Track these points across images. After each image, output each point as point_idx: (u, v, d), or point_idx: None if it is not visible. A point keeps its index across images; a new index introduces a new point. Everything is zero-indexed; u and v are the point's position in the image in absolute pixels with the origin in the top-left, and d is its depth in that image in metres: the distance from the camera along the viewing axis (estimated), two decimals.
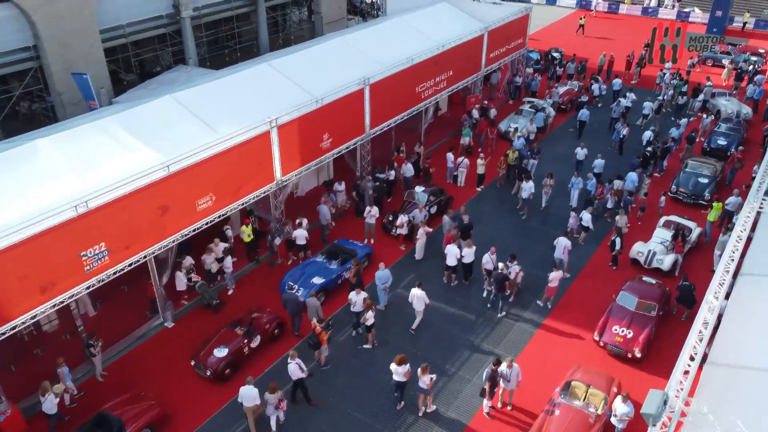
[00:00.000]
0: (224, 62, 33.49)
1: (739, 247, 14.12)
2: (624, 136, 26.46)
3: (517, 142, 24.90)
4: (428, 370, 14.25)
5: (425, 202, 21.61)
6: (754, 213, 14.69)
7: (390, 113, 23.49)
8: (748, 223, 14.58)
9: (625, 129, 26.55)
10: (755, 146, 27.67)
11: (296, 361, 14.36)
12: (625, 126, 26.84)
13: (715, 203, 21.73)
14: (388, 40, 26.45)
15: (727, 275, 13.85)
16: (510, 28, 30.01)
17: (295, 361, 14.35)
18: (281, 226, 20.18)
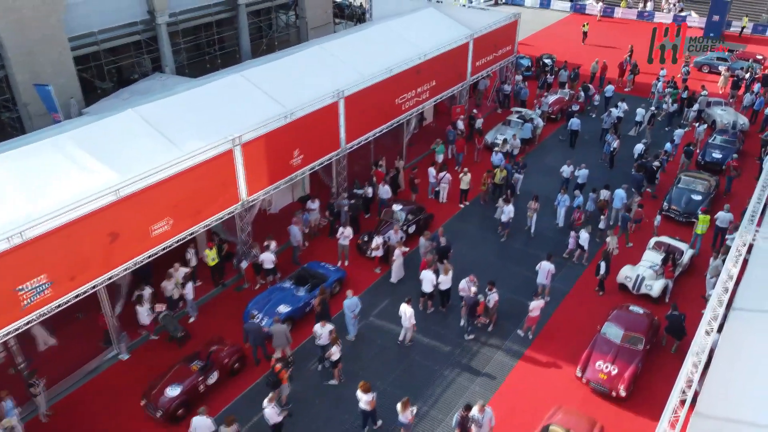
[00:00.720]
0: (205, 69, 32.47)
1: (729, 285, 13.00)
2: (615, 149, 25.33)
3: (495, 158, 23.72)
4: (409, 403, 13.26)
5: (403, 221, 20.49)
6: (745, 247, 13.57)
7: (368, 126, 22.38)
8: (739, 259, 13.47)
9: (616, 141, 25.42)
10: (752, 159, 26.53)
11: (272, 405, 13.25)
12: (616, 138, 25.71)
13: (701, 215, 20.69)
14: (370, 48, 25.38)
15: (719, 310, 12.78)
16: (498, 34, 28.90)
17: (272, 405, 13.25)
18: (248, 248, 19.06)
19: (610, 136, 25.96)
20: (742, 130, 28.33)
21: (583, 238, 19.63)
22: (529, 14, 50.38)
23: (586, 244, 19.71)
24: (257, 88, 21.17)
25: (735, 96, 32.20)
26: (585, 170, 22.96)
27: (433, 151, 25.43)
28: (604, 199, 22.36)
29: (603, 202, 22.31)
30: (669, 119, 30.25)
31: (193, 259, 18.42)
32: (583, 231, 19.63)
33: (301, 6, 37.67)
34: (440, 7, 31.68)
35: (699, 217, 20.62)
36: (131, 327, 16.93)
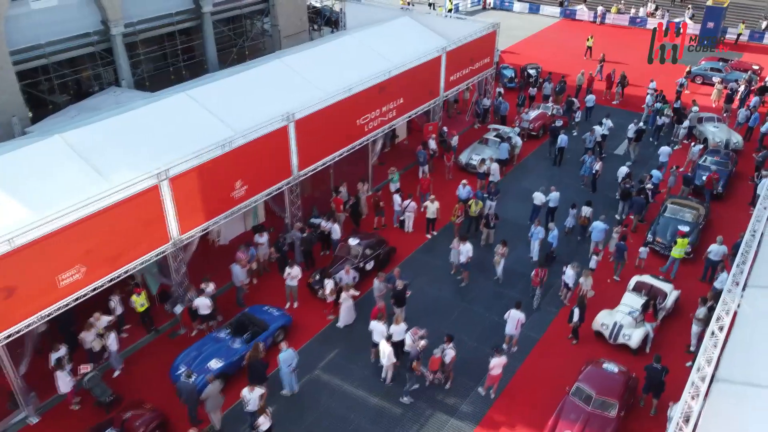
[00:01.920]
0: (170, 81, 30.61)
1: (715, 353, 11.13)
2: (597, 172, 23.40)
3: (462, 191, 21.53)
4: None
5: (359, 257, 18.59)
6: (730, 314, 11.67)
7: (324, 150, 20.50)
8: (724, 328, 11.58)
9: (598, 164, 23.49)
10: (744, 182, 24.55)
11: None
12: (597, 159, 23.78)
13: (679, 239, 18.95)
14: (336, 62, 23.58)
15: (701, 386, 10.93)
16: (474, 46, 26.98)
17: None
18: (184, 291, 17.17)
19: (589, 158, 24.03)
20: (735, 149, 26.43)
21: (567, 275, 17.77)
22: (517, 20, 48.57)
23: (571, 282, 17.85)
24: (204, 109, 19.41)
25: (729, 111, 30.26)
26: (556, 193, 21.12)
27: (407, 170, 23.54)
28: (585, 216, 20.83)
29: (584, 219, 20.81)
30: (656, 133, 28.47)
31: (117, 307, 16.47)
32: (568, 267, 17.76)
33: (274, 13, 35.72)
34: (416, 16, 29.84)
35: (677, 240, 18.94)
36: (46, 382, 15.00)
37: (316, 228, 20.74)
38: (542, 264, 16.89)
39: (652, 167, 25.28)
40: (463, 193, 21.43)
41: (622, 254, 19.20)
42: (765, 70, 36.42)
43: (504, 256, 18.48)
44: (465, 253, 18.29)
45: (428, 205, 20.77)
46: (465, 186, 21.56)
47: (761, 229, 15.86)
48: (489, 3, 51.84)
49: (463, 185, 21.57)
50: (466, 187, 21.56)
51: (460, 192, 21.52)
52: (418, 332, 14.83)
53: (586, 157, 24.04)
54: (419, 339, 14.69)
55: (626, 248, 19.24)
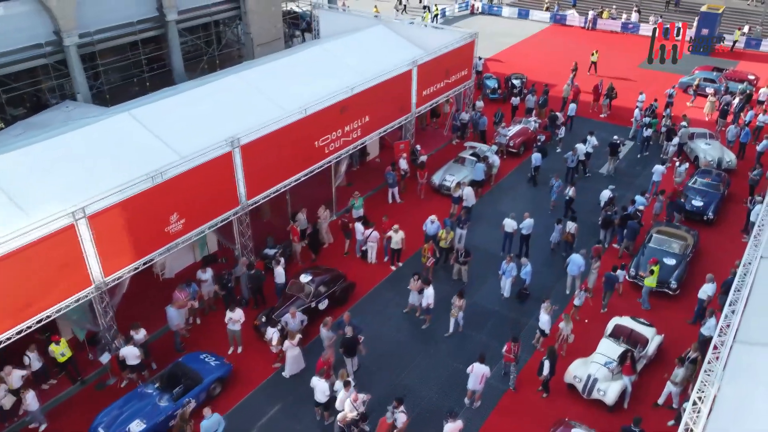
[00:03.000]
0: (135, 93, 29.01)
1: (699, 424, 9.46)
2: (570, 198, 21.56)
3: (430, 227, 19.54)
4: None
5: (310, 296, 16.89)
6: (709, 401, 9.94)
7: (278, 176, 18.81)
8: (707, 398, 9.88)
9: (571, 189, 21.71)
10: (737, 206, 22.79)
11: None
12: (570, 184, 21.96)
13: (654, 267, 17.39)
14: (301, 76, 21.98)
15: None
16: (450, 58, 25.28)
17: None
18: (111, 337, 15.49)
19: (556, 181, 22.17)
20: (728, 169, 24.72)
21: (542, 321, 16.07)
22: (506, 25, 46.91)
23: (547, 328, 16.15)
24: (146, 130, 17.76)
25: (723, 125, 28.53)
26: (529, 220, 19.44)
27: (377, 191, 21.83)
28: (570, 231, 19.71)
29: (569, 235, 19.53)
30: (643, 145, 26.88)
31: (34, 362, 14.73)
32: (542, 311, 16.06)
33: (246, 21, 34.04)
34: (392, 25, 28.15)
35: (652, 269, 17.46)
36: None
37: (269, 260, 19.09)
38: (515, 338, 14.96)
39: (640, 187, 23.70)
40: (431, 229, 19.39)
41: (612, 285, 17.75)
42: (762, 79, 34.68)
43: (461, 308, 16.49)
44: (427, 298, 16.57)
45: (392, 235, 19.08)
46: (433, 222, 19.44)
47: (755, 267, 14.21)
48: (477, 8, 50.15)
49: (431, 221, 19.45)
50: (434, 223, 19.43)
51: (428, 228, 19.44)
52: (359, 398, 13.10)
53: (554, 180, 22.32)
54: (361, 404, 12.98)
55: (617, 279, 17.74)
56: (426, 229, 19.34)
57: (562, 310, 17.14)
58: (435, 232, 19.13)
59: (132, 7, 28.96)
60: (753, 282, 13.81)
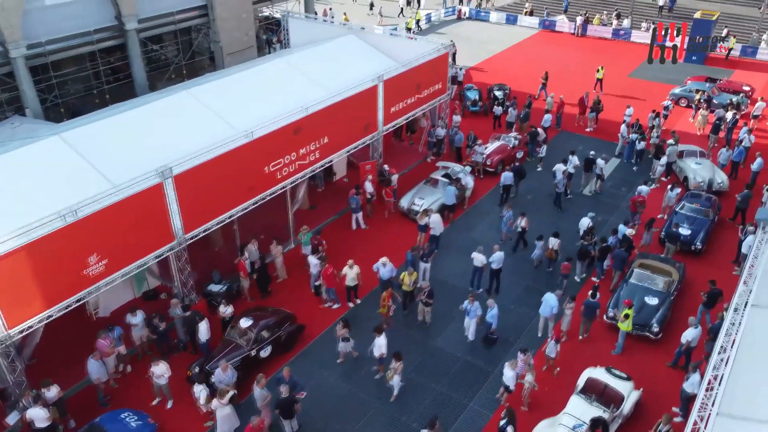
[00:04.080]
0: (96, 105, 27.38)
1: None
2: (522, 229, 19.68)
3: (383, 271, 17.08)
4: None
5: (249, 344, 15.18)
6: None
7: (221, 206, 17.11)
8: None
9: (523, 220, 19.75)
10: (729, 233, 21.05)
11: None
12: (522, 215, 19.90)
13: (628, 310, 15.75)
14: (260, 92, 20.35)
15: None
16: (422, 71, 23.58)
17: None
18: (20, 395, 13.78)
19: (507, 211, 20.22)
20: (719, 191, 23.02)
21: (507, 377, 14.32)
22: (493, 31, 45.22)
23: (511, 384, 14.41)
24: (78, 155, 16.10)
25: (715, 141, 26.81)
26: (499, 253, 17.74)
27: (342, 215, 20.09)
28: (553, 248, 18.71)
29: (552, 251, 18.69)
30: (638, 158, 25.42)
31: None
32: (507, 367, 14.33)
33: (215, 29, 32.33)
34: (363, 35, 26.45)
35: (627, 312, 15.75)
36: None
37: (213, 297, 17.42)
38: None
39: (625, 212, 22.07)
40: (385, 273, 17.09)
41: (592, 312, 16.35)
42: (757, 91, 33.01)
43: (397, 371, 14.41)
44: (378, 348, 14.84)
45: (346, 271, 17.37)
46: (385, 265, 17.09)
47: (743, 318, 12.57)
48: (464, 13, 48.47)
49: (383, 264, 17.07)
50: (387, 265, 17.07)
51: (381, 272, 17.10)
52: None
53: (504, 210, 20.33)
54: None
55: (598, 305, 16.34)
56: (380, 273, 17.18)
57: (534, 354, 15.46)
58: (389, 277, 17.15)
59: (88, 15, 27.20)
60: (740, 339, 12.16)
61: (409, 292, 17.05)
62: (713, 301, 16.74)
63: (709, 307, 16.81)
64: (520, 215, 19.69)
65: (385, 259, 17.04)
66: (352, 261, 17.48)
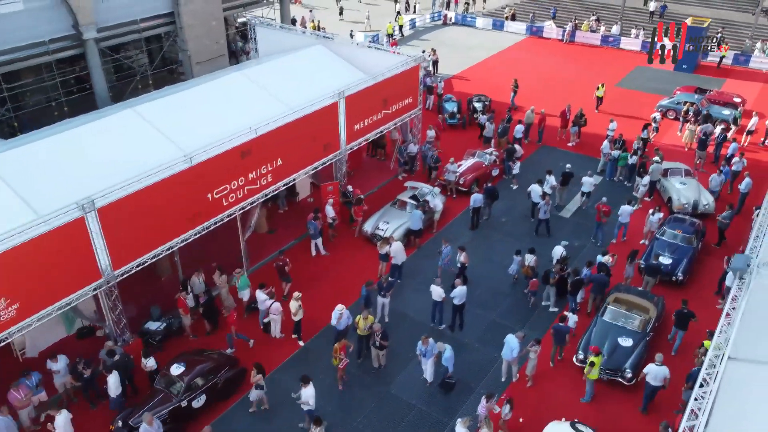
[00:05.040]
0: (54, 118, 26.03)
1: None
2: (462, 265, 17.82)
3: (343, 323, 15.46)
4: None
5: (180, 394, 13.78)
6: None
7: (157, 238, 15.72)
8: None
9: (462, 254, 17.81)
10: (713, 261, 19.65)
11: None
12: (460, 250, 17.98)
13: (594, 357, 14.43)
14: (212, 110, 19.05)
15: None
16: (390, 85, 22.18)
17: None
18: None
19: (445, 247, 18.37)
20: (705, 213, 21.65)
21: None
22: (479, 37, 43.86)
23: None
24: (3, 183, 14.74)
25: (703, 158, 25.41)
26: (461, 288, 16.35)
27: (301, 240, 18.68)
28: (529, 265, 17.82)
29: (528, 268, 17.85)
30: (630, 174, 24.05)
31: None
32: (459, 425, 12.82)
33: (182, 37, 30.97)
34: (332, 45, 25.09)
35: (593, 360, 14.41)
36: None
37: (151, 337, 16.06)
38: None
39: (607, 235, 20.74)
40: (342, 324, 15.51)
41: (562, 337, 15.36)
42: (748, 102, 31.65)
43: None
44: (306, 400, 13.42)
45: (291, 305, 16.01)
46: (342, 314, 15.42)
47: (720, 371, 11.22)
48: (450, 18, 47.11)
49: (340, 313, 15.40)
50: (343, 315, 15.45)
51: (339, 325, 15.54)
52: None
53: (443, 246, 18.51)
54: None
55: (568, 330, 15.37)
56: (334, 323, 15.52)
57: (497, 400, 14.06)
58: (345, 326, 15.61)
59: (42, 24, 25.80)
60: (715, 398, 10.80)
61: (364, 336, 15.56)
62: (684, 323, 15.89)
63: (682, 328, 15.98)
64: (458, 249, 18.00)
65: (341, 307, 15.42)
66: (299, 294, 16.14)
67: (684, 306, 16.02)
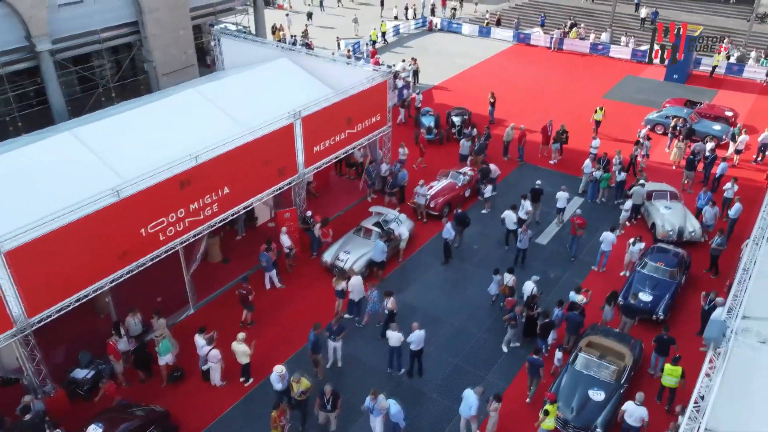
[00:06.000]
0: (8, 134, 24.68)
1: None
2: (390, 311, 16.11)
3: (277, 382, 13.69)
4: None
5: None
6: None
7: (82, 279, 14.24)
8: None
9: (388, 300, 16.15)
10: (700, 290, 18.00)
11: None
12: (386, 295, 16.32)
13: (549, 405, 13.13)
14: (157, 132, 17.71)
15: None
16: (354, 103, 20.71)
17: None
18: None
19: (372, 291, 16.69)
20: (690, 241, 20.20)
21: None
22: (465, 45, 42.45)
23: None
24: None
25: (691, 179, 23.92)
26: (419, 332, 14.89)
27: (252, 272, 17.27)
28: (507, 284, 17.01)
29: (505, 288, 16.99)
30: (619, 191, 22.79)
31: None
32: None
33: (147, 47, 29.52)
34: (298, 58, 23.67)
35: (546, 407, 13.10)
36: None
37: (77, 386, 14.62)
38: None
39: (585, 265, 19.37)
40: (276, 381, 13.75)
41: (536, 371, 14.32)
42: (741, 116, 30.18)
43: None
44: None
45: (234, 347, 14.58)
46: (281, 375, 13.65)
47: None
48: (436, 24, 45.68)
49: (280, 376, 13.64)
50: (284, 377, 13.69)
51: (275, 382, 13.76)
52: None
53: (371, 290, 16.89)
54: None
55: (542, 364, 14.28)
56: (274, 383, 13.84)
57: None
58: (285, 387, 13.91)
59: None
60: None
61: (300, 401, 13.80)
62: (665, 349, 14.97)
63: (663, 354, 15.04)
64: (385, 295, 16.31)
65: (280, 368, 13.76)
66: (244, 334, 14.75)
67: (665, 331, 15.13)
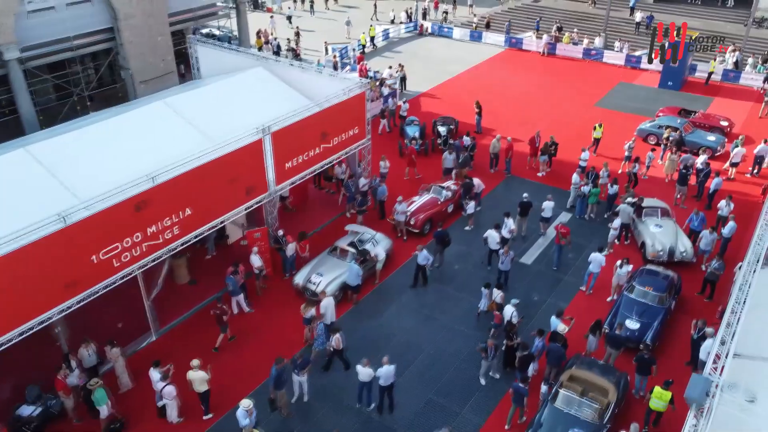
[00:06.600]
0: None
1: None
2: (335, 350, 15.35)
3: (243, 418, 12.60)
4: None
5: None
6: None
7: (27, 311, 13.27)
8: None
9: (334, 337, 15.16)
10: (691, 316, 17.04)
11: None
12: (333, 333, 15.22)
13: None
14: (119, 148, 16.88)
15: None
16: (329, 117, 19.74)
17: None
18: None
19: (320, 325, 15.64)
20: (682, 261, 19.23)
21: None
22: (456, 50, 41.48)
23: None
24: None
25: (684, 193, 22.94)
26: (388, 367, 13.92)
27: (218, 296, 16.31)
28: (495, 300, 16.62)
29: (494, 304, 16.58)
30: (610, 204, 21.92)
31: None
32: None
33: (123, 55, 28.56)
34: (275, 67, 22.74)
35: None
36: None
37: (23, 424, 13.65)
38: None
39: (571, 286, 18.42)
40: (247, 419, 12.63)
41: (521, 399, 13.69)
42: (737, 125, 29.20)
43: None
44: None
45: (190, 376, 13.64)
46: (248, 410, 12.61)
47: None
48: (427, 29, 44.72)
49: (247, 411, 12.58)
50: (251, 412, 12.67)
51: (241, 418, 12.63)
52: None
53: (319, 322, 15.76)
54: None
55: (527, 392, 13.64)
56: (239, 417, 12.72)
57: None
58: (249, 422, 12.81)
59: None
60: None
61: None
62: (646, 368, 14.52)
63: (644, 374, 14.61)
64: (331, 332, 15.29)
65: (247, 402, 12.70)
66: (198, 361, 13.80)
67: (646, 351, 14.62)
